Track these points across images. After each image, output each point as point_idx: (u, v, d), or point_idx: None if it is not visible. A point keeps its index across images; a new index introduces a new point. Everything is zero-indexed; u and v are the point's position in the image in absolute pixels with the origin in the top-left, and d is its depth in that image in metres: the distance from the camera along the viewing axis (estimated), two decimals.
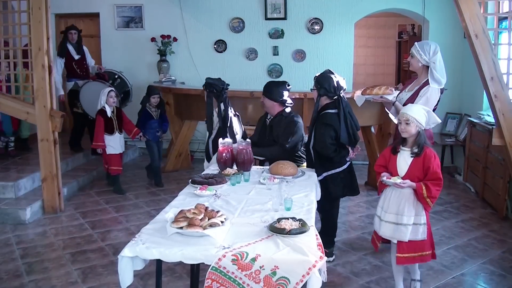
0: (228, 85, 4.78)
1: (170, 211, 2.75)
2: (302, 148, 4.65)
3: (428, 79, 4.00)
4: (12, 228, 5.17)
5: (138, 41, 8.38)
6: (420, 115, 3.32)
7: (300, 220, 2.65)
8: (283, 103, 4.64)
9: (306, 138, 4.53)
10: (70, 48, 7.16)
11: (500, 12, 5.48)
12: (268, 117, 4.78)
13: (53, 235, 5.01)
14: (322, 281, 2.37)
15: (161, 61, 8.21)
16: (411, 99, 4.01)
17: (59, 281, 3.96)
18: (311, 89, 4.30)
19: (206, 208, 2.76)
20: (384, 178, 3.38)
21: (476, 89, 6.83)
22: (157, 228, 2.65)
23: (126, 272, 2.44)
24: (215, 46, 8.29)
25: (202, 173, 3.86)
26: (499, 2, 5.31)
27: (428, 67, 4.00)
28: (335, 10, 7.98)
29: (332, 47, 8.05)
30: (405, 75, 10.69)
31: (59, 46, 7.18)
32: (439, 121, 3.51)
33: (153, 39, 8.20)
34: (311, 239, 2.53)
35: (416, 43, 4.11)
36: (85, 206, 5.92)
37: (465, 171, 6.81)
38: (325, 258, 2.39)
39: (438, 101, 4.09)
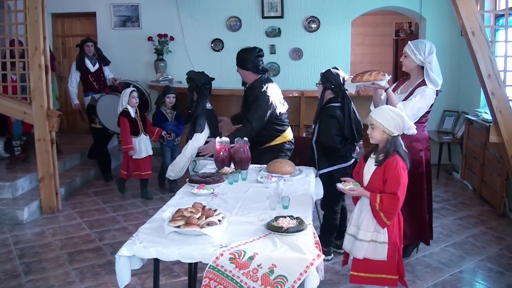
0: (211, 79, 4.63)
1: (167, 210, 2.75)
2: (277, 119, 4.51)
3: (423, 80, 3.87)
4: (10, 228, 5.16)
5: (135, 40, 8.38)
6: (388, 119, 2.92)
7: (297, 218, 2.65)
8: (256, 70, 4.47)
9: (280, 109, 4.50)
10: (87, 61, 6.96)
11: (497, 9, 5.49)
12: (246, 86, 4.68)
13: (51, 235, 5.00)
14: (320, 279, 2.37)
15: (158, 60, 8.21)
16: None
17: (57, 281, 3.96)
18: (316, 84, 4.29)
19: (204, 207, 2.75)
20: (338, 184, 3.12)
21: (473, 86, 6.84)
22: (155, 227, 2.64)
23: (123, 271, 2.44)
24: (212, 45, 8.28)
25: (200, 172, 3.85)
26: None
27: (423, 67, 3.87)
28: (332, 8, 7.99)
29: (329, 45, 8.06)
30: (402, 73, 10.66)
31: (77, 60, 6.96)
32: (414, 129, 3.11)
33: (150, 38, 8.19)
34: (309, 237, 2.52)
35: (410, 42, 3.96)
36: (82, 205, 5.91)
37: (463, 169, 6.82)
38: (323, 256, 2.39)
39: (432, 104, 3.96)
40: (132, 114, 5.82)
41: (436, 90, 3.88)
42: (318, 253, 2.37)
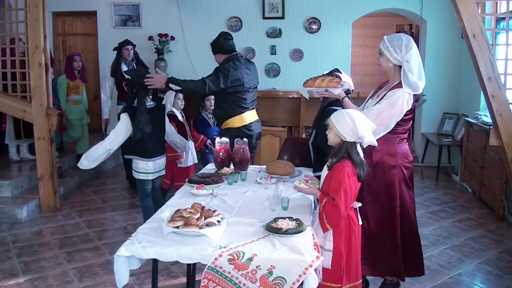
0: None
1: (166, 210, 2.75)
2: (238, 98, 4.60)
3: (400, 82, 3.27)
4: (9, 226, 5.15)
5: (136, 39, 8.30)
6: (342, 123, 2.76)
7: (296, 219, 2.64)
8: (222, 51, 4.72)
9: (243, 88, 4.56)
10: (123, 66, 6.37)
11: (498, 12, 5.48)
12: None
13: (50, 234, 4.99)
14: (318, 281, 2.37)
15: (159, 59, 8.19)
16: None
17: (55, 280, 3.95)
18: None
19: (203, 207, 2.75)
20: (295, 182, 3.07)
21: (474, 89, 6.84)
22: (153, 228, 2.64)
23: (122, 271, 2.44)
24: None
25: (199, 172, 3.85)
26: (496, 2, 5.30)
27: (401, 67, 3.27)
28: (333, 10, 7.98)
29: (330, 46, 8.06)
30: None
31: (113, 64, 6.44)
32: (374, 141, 2.85)
33: (150, 38, 8.19)
34: (308, 238, 2.52)
35: (385, 37, 3.35)
36: (81, 205, 5.91)
37: (462, 171, 6.82)
38: (322, 258, 2.38)
39: (412, 113, 3.39)
40: (180, 117, 5.32)
41: (415, 95, 3.29)
42: (317, 254, 2.36)
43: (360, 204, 2.95)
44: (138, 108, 4.07)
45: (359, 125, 2.73)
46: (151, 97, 4.27)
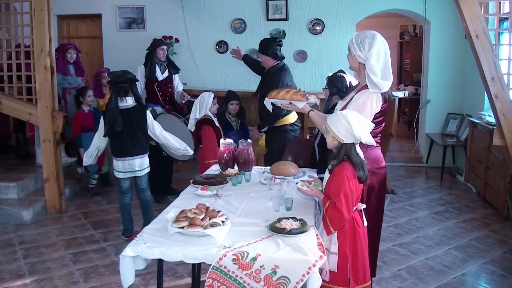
0: (130, 80, 4.50)
1: (171, 211, 2.77)
2: None
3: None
4: (15, 228, 5.19)
5: (140, 42, 8.37)
6: (337, 125, 2.71)
7: (300, 220, 2.66)
8: (275, 56, 5.24)
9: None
10: (156, 67, 6.14)
11: (501, 12, 5.49)
12: (265, 70, 5.43)
13: (55, 235, 5.03)
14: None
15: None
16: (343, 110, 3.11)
17: (61, 281, 3.98)
18: (323, 89, 4.30)
19: (207, 208, 2.77)
20: (298, 184, 3.07)
21: (477, 89, 6.84)
22: (159, 228, 2.66)
23: (128, 271, 2.46)
24: (217, 47, 8.31)
25: (204, 174, 3.87)
26: (499, 2, 5.33)
27: None
28: (337, 11, 8.00)
29: (334, 48, 8.06)
30: (407, 76, 10.71)
31: (148, 66, 6.10)
32: (373, 142, 2.84)
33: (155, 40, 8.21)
34: (312, 238, 2.53)
35: (354, 34, 3.20)
36: (87, 206, 5.94)
37: (467, 172, 6.82)
38: (325, 258, 2.40)
39: (383, 116, 3.23)
40: (216, 122, 5.00)
41: (383, 93, 3.10)
42: (320, 254, 2.38)
43: (364, 206, 2.95)
44: (108, 107, 4.45)
45: (355, 126, 2.69)
46: (127, 98, 4.51)
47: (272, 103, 3.62)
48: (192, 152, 4.97)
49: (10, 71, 5.63)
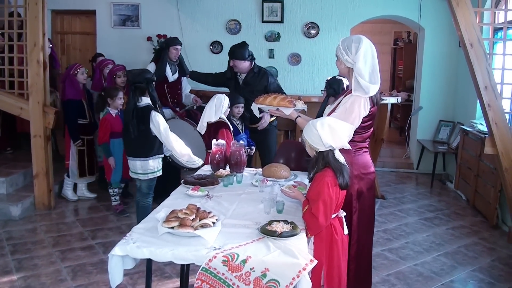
0: (147, 80, 4.39)
1: (161, 211, 2.75)
2: None
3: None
4: (2, 223, 5.14)
5: (134, 39, 8.36)
6: (310, 135, 2.75)
7: (291, 223, 2.65)
8: (250, 59, 5.45)
9: None
10: (167, 68, 5.82)
11: (496, 22, 5.52)
12: (239, 75, 5.54)
13: (44, 232, 4.99)
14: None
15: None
16: (330, 114, 3.19)
17: (48, 278, 3.95)
18: (321, 91, 4.31)
19: (198, 208, 2.76)
20: (283, 186, 3.09)
21: (470, 97, 6.88)
22: (148, 228, 2.64)
23: (116, 271, 2.43)
24: (211, 47, 8.28)
25: (195, 174, 3.85)
26: (494, 12, 5.35)
27: None
28: (332, 15, 8.01)
29: (328, 51, 8.05)
30: (400, 82, 10.75)
31: (158, 66, 5.77)
32: (347, 146, 2.80)
33: (149, 38, 8.18)
34: (302, 242, 2.53)
35: (340, 40, 3.18)
36: (76, 203, 5.90)
37: (457, 179, 6.85)
38: (315, 262, 2.39)
39: (371, 120, 3.17)
40: (230, 126, 4.82)
41: (371, 97, 3.08)
42: (311, 258, 2.37)
43: (344, 213, 2.95)
44: (126, 107, 4.53)
45: (323, 134, 2.69)
46: (142, 97, 4.36)
47: (259, 109, 3.65)
48: (198, 164, 4.54)
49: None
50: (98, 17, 8.47)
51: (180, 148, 4.36)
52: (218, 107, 4.66)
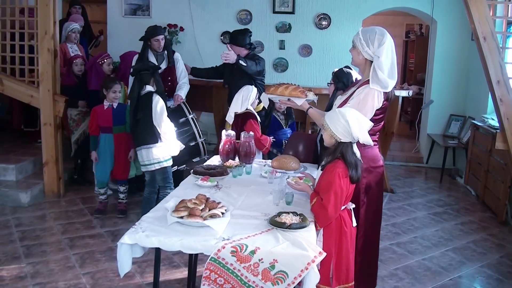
0: (153, 67, 4.61)
1: (171, 200, 2.76)
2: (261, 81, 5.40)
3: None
4: (12, 210, 5.18)
5: (145, 29, 8.32)
6: (336, 124, 2.68)
7: (300, 215, 2.65)
8: (248, 47, 5.44)
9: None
10: (151, 58, 5.59)
11: (509, 15, 5.46)
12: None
13: (53, 219, 5.02)
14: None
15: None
16: (342, 105, 3.16)
17: (57, 265, 3.98)
18: (328, 83, 4.27)
19: (207, 199, 2.76)
20: (288, 179, 3.08)
21: (481, 92, 6.81)
22: (158, 217, 2.64)
23: (124, 259, 2.45)
24: (222, 37, 8.25)
25: (204, 164, 3.85)
26: (508, 5, 5.29)
27: (372, 62, 3.05)
28: (344, 7, 7.95)
29: (339, 43, 8.01)
30: (411, 75, 10.68)
31: (138, 58, 5.62)
32: (371, 142, 2.82)
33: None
34: (311, 234, 2.52)
35: (360, 29, 3.18)
36: (85, 192, 5.92)
37: (467, 174, 6.81)
38: (324, 254, 2.38)
39: (383, 114, 3.16)
40: (259, 117, 4.70)
41: (386, 92, 3.07)
42: (320, 250, 2.37)
43: (353, 205, 2.94)
44: (130, 95, 4.61)
45: (353, 125, 2.65)
46: (147, 86, 4.49)
47: (269, 99, 3.58)
48: (176, 151, 4.56)
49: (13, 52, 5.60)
50: (109, 6, 8.47)
51: (166, 130, 4.44)
52: (245, 98, 4.64)
